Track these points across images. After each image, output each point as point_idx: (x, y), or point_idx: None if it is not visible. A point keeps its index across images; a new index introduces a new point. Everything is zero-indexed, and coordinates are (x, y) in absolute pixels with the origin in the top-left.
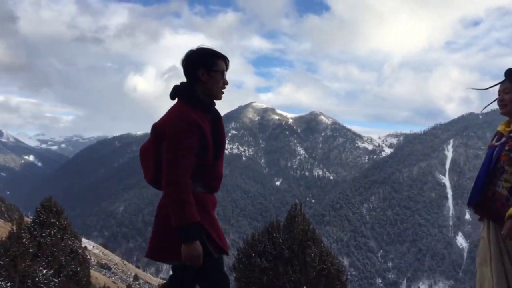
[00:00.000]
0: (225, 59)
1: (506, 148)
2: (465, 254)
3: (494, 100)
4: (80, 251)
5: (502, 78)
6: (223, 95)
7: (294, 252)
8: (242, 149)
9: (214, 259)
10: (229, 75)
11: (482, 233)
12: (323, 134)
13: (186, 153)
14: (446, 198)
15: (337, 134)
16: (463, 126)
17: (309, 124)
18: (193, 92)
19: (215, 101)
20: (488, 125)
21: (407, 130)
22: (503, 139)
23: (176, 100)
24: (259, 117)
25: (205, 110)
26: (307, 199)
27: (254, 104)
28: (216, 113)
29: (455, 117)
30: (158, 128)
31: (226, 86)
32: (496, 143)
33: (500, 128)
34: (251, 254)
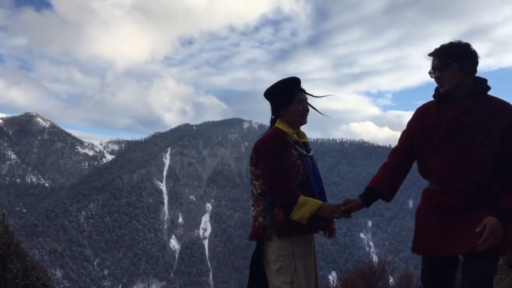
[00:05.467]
0: None
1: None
2: (176, 256)
3: None
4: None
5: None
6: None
7: None
8: None
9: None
10: None
11: (302, 251)
12: (39, 137)
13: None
14: (163, 203)
15: (56, 138)
16: (179, 135)
17: (23, 126)
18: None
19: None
20: (201, 135)
21: (128, 137)
22: (312, 152)
23: None
24: None
25: (442, 100)
26: (18, 208)
27: None
28: (460, 107)
29: (173, 126)
30: None
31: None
32: (309, 154)
33: (295, 137)
34: None
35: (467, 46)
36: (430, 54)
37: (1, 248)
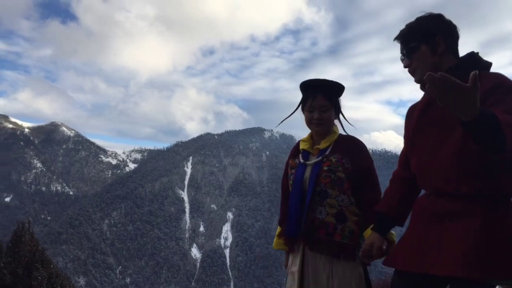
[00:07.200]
0: None
1: (325, 168)
2: (198, 264)
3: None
4: None
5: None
6: None
7: (18, 276)
8: None
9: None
10: None
11: (292, 268)
12: (64, 146)
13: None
14: (184, 212)
15: (80, 147)
16: (201, 144)
17: (49, 135)
18: None
19: None
20: (222, 144)
21: (151, 146)
22: (318, 158)
23: None
24: None
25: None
26: (43, 216)
27: None
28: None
29: (195, 136)
30: None
31: None
32: (308, 162)
33: (302, 145)
34: None
35: (435, 19)
36: (395, 39)
37: (27, 255)
